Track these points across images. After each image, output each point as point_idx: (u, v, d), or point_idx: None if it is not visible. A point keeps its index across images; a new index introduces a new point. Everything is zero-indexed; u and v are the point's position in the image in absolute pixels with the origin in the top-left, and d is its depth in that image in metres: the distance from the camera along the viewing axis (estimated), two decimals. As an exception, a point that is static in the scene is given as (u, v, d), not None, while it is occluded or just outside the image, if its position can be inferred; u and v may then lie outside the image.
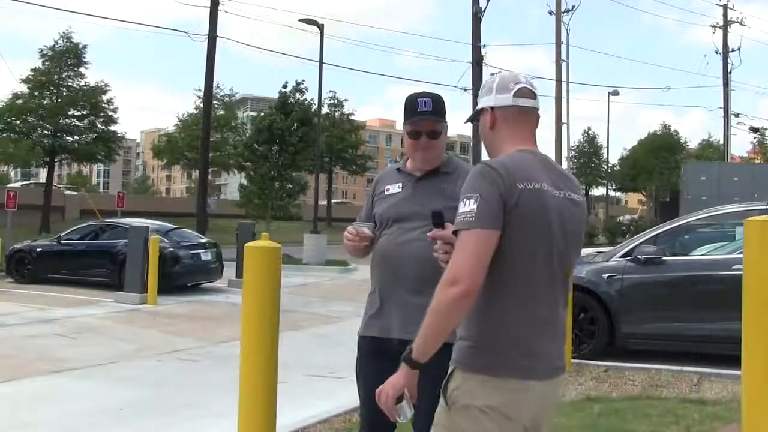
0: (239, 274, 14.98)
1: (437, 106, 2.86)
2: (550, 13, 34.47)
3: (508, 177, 2.00)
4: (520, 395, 2.05)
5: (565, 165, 37.67)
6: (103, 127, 36.09)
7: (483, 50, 25.89)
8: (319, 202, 27.39)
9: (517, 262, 2.03)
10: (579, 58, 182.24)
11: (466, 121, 2.53)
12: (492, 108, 2.20)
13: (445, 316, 1.98)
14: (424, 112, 2.83)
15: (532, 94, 2.21)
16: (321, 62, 25.28)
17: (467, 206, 1.99)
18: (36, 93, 34.10)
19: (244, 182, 30.32)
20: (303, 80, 30.45)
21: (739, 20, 39.90)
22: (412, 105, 2.86)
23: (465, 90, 26.52)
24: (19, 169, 73.50)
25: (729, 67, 38.97)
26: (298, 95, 31.08)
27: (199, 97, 35.20)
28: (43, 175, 50.32)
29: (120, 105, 69.77)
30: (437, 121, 2.84)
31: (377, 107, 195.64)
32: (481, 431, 2.02)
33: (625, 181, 58.71)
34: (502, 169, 2.02)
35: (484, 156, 2.40)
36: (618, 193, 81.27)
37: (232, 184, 78.75)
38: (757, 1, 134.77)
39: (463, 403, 2.05)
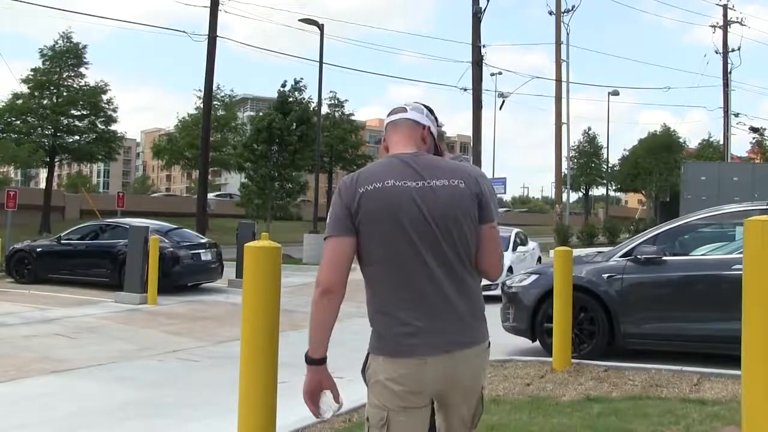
0: (239, 274, 14.98)
1: None
2: (550, 13, 34.52)
3: (351, 185, 2.33)
4: (414, 370, 2.28)
5: (565, 165, 37.73)
6: (103, 127, 36.11)
7: (483, 50, 25.92)
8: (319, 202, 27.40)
9: (379, 254, 2.30)
10: (579, 58, 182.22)
11: None
12: (383, 140, 2.59)
13: (315, 312, 2.30)
14: None
15: (401, 109, 2.56)
16: (321, 62, 25.30)
17: (327, 219, 2.38)
18: (36, 93, 34.11)
19: (245, 182, 30.28)
20: (301, 78, 30.45)
21: (739, 20, 40.01)
22: None
23: (465, 90, 26.54)
24: (19, 170, 73.46)
25: (729, 67, 39.06)
26: (296, 94, 31.03)
27: (199, 98, 35.21)
28: (43, 175, 50.32)
29: (120, 105, 69.89)
30: None
31: (378, 107, 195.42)
32: (386, 401, 2.30)
33: (626, 181, 58.67)
34: (349, 179, 2.37)
35: (484, 155, 2.53)
36: (618, 193, 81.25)
37: (232, 184, 78.69)
38: (757, 1, 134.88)
39: (374, 380, 2.34)
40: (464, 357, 2.34)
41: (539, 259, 17.07)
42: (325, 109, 44.07)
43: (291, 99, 29.98)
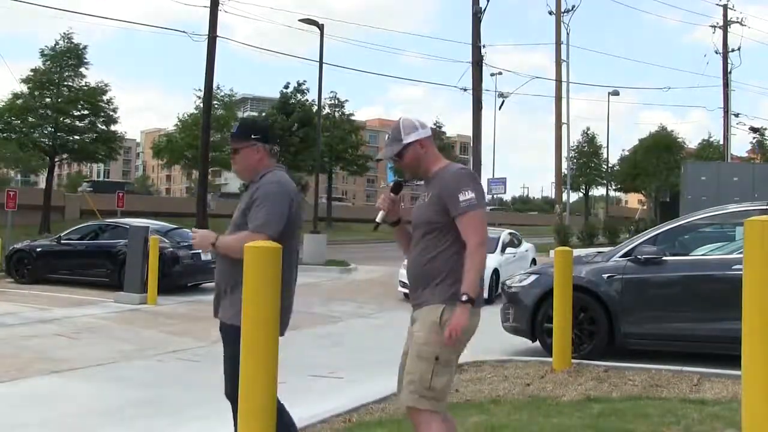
0: (239, 274, 14.95)
1: (239, 128, 3.73)
2: (550, 13, 34.51)
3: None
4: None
5: (564, 165, 37.73)
6: (103, 127, 36.05)
7: (483, 50, 25.88)
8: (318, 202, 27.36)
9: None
10: (579, 58, 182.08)
11: (395, 156, 3.33)
12: (422, 138, 3.30)
13: (481, 262, 3.13)
14: (232, 133, 3.78)
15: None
16: (321, 62, 25.29)
17: (467, 195, 3.11)
18: (36, 93, 34.07)
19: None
20: (304, 81, 30.51)
21: (739, 20, 39.92)
22: None
23: (465, 90, 26.52)
24: (19, 170, 73.40)
25: (729, 67, 39.01)
26: (299, 96, 31.03)
27: (199, 97, 35.16)
28: (43, 175, 50.28)
29: (121, 105, 69.82)
30: (235, 141, 3.69)
31: (379, 107, 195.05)
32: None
33: (626, 181, 58.68)
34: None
35: (485, 154, 2.78)
36: (618, 193, 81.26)
37: (232, 185, 78.69)
38: (757, 1, 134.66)
39: None
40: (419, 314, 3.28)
41: (533, 261, 16.90)
42: (326, 110, 44.07)
43: (293, 101, 29.98)
